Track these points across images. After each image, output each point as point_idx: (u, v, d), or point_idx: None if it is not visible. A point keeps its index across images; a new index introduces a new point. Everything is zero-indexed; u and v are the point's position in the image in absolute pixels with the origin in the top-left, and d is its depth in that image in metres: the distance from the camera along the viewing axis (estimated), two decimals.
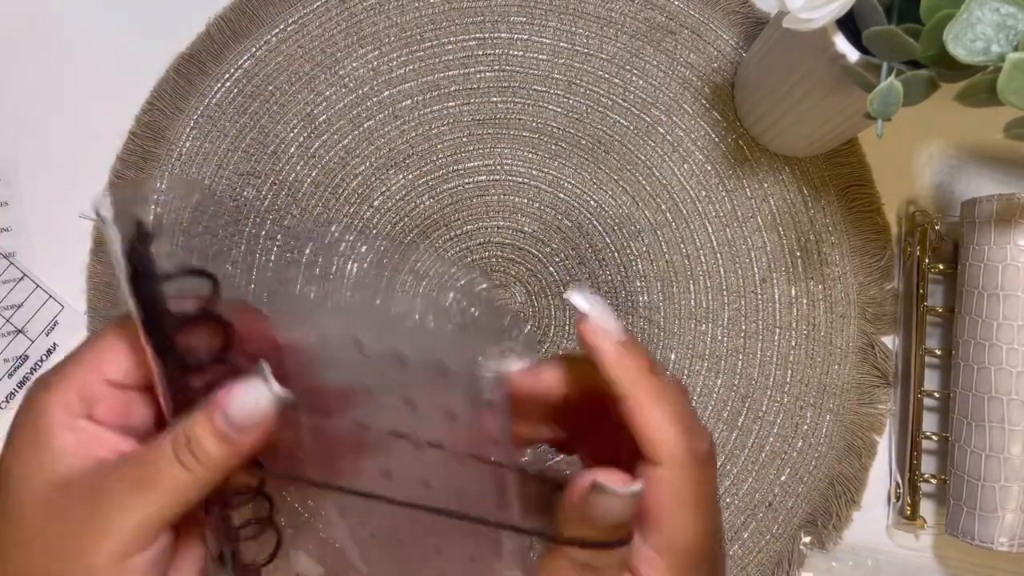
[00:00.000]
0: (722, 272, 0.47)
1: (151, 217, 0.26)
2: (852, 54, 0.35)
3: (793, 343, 0.47)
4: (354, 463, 0.28)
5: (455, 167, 0.47)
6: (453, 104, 0.47)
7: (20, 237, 0.47)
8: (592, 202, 0.47)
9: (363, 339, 0.26)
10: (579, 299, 0.27)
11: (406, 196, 0.47)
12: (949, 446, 0.44)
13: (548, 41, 0.48)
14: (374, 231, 0.47)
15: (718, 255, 0.47)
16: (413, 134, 0.47)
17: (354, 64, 0.47)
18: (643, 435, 0.26)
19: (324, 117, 0.47)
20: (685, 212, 0.47)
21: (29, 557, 0.26)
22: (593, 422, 0.30)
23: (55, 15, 0.48)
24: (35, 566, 0.26)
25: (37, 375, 0.46)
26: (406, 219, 0.47)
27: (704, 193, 0.47)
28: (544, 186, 0.47)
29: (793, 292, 0.47)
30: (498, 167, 0.47)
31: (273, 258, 0.46)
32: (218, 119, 0.47)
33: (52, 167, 0.47)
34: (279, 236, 0.46)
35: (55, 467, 0.26)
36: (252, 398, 0.25)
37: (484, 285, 0.31)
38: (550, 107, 0.47)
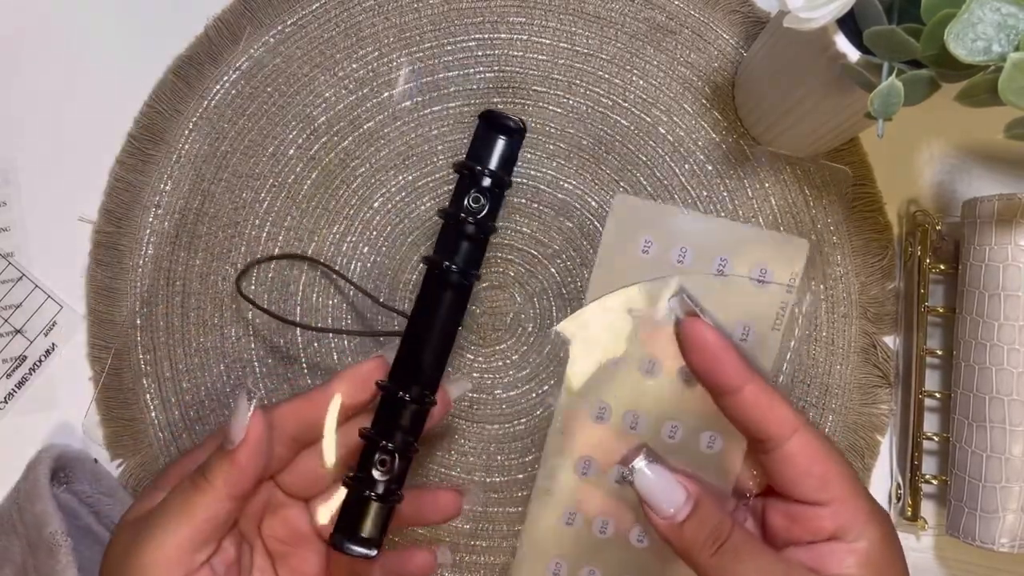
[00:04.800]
0: None
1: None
2: (853, 54, 0.35)
3: (795, 343, 0.47)
4: None
5: None
6: (453, 105, 0.47)
7: (19, 237, 0.47)
8: (593, 203, 0.47)
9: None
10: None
11: (406, 198, 0.47)
12: (950, 447, 0.44)
13: (548, 41, 0.48)
14: (374, 232, 0.47)
15: None
16: (413, 135, 0.47)
17: (353, 65, 0.47)
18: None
19: (323, 119, 0.47)
20: None
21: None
22: None
23: (54, 16, 0.48)
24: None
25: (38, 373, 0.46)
26: (406, 220, 0.47)
27: (705, 193, 0.47)
28: (544, 186, 0.47)
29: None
30: None
31: None
32: (216, 121, 0.47)
33: (52, 167, 0.47)
34: None
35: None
36: (240, 415, 0.33)
37: None
38: (550, 107, 0.47)
